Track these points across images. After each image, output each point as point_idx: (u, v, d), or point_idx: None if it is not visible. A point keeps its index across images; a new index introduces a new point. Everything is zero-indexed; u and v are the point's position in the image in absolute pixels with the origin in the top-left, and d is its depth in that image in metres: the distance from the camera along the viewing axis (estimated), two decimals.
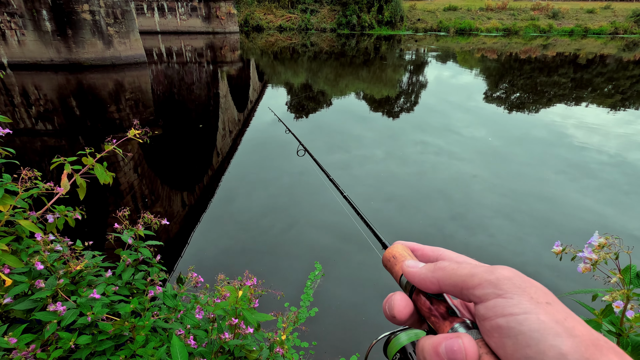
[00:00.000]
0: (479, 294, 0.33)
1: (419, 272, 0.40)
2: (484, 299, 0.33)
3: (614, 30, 45.75)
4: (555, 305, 0.31)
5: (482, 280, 0.33)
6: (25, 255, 1.29)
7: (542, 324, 0.29)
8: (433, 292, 0.39)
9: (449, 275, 0.37)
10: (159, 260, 1.53)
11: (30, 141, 8.51)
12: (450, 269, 0.37)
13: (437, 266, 0.39)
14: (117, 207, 1.56)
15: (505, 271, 0.33)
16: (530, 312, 0.30)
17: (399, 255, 0.46)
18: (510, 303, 0.31)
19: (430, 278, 0.38)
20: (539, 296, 0.31)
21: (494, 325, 0.31)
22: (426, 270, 0.39)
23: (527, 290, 0.32)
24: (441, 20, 49.80)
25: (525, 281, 0.33)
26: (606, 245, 0.78)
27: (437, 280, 0.38)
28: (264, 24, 50.31)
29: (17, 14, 15.87)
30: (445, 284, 0.37)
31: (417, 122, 11.20)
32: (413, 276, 0.40)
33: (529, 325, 0.29)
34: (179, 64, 21.91)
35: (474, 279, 0.34)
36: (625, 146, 8.81)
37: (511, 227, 5.29)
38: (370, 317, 3.57)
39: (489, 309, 0.32)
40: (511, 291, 0.32)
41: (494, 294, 0.32)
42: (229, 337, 1.22)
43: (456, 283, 0.36)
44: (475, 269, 0.35)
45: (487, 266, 0.35)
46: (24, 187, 1.34)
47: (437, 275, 0.38)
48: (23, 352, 1.01)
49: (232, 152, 8.40)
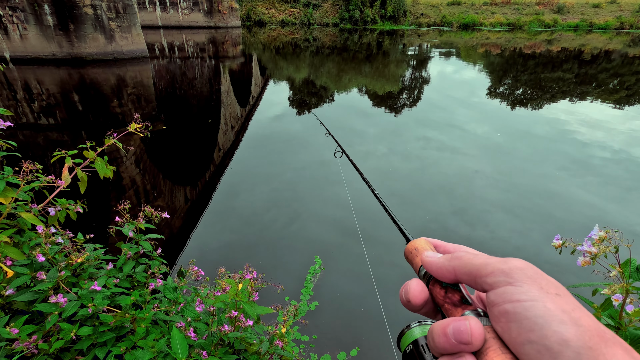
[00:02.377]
0: (491, 281, 0.34)
1: (436, 261, 0.41)
2: (495, 286, 0.34)
3: (619, 25, 45.27)
4: (564, 297, 0.31)
5: (495, 269, 0.34)
6: (27, 248, 1.30)
7: (548, 311, 0.29)
8: (449, 281, 0.40)
9: (464, 264, 0.38)
10: (159, 254, 1.53)
11: (32, 135, 8.54)
12: (466, 258, 0.38)
13: (453, 256, 0.40)
14: (118, 201, 1.56)
15: (518, 262, 0.34)
16: (537, 300, 0.30)
17: (420, 248, 0.48)
18: (519, 290, 0.32)
19: (446, 266, 0.40)
20: (549, 287, 0.32)
21: (502, 310, 0.32)
22: (443, 259, 0.41)
23: (537, 280, 0.32)
24: (444, 15, 49.41)
25: (537, 272, 0.33)
26: (606, 239, 0.77)
27: (453, 268, 0.39)
28: (266, 18, 50.08)
29: (19, 8, 15.85)
30: (460, 272, 0.38)
31: (420, 117, 11.16)
32: (430, 265, 0.42)
33: (535, 311, 0.30)
34: (181, 59, 21.87)
35: (487, 268, 0.35)
36: (628, 142, 8.75)
37: (513, 222, 5.28)
38: (369, 311, 3.58)
39: (499, 295, 0.33)
40: (522, 280, 0.32)
41: (505, 281, 0.33)
42: (229, 330, 1.23)
43: (470, 271, 0.37)
44: (489, 259, 0.36)
45: (502, 258, 0.36)
46: (25, 180, 1.34)
47: (453, 264, 0.39)
48: (25, 343, 1.02)
49: (235, 147, 8.41)
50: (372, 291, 3.83)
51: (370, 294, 3.80)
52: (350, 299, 3.76)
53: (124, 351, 1.12)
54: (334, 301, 3.72)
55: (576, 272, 4.01)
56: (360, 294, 3.81)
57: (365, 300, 3.73)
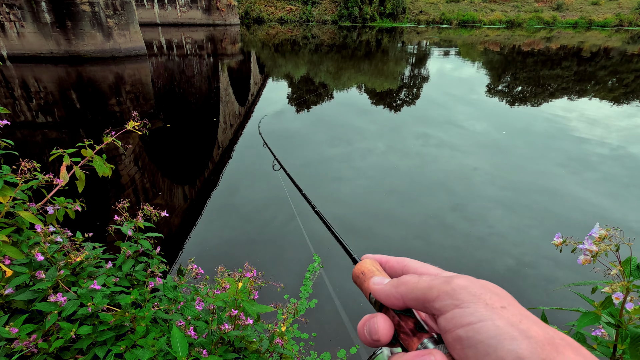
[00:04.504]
0: (438, 306, 0.33)
1: (383, 288, 0.40)
2: (443, 310, 0.33)
3: (618, 22, 45.25)
4: (510, 308, 0.31)
5: (440, 292, 0.33)
6: (26, 247, 1.30)
7: (498, 329, 0.29)
8: (399, 308, 0.38)
9: (410, 289, 0.36)
10: (159, 252, 1.53)
11: (30, 134, 8.50)
12: (412, 283, 0.37)
13: (399, 281, 0.38)
14: (117, 200, 1.56)
15: (461, 280, 0.33)
16: (485, 319, 0.30)
17: (367, 272, 0.45)
18: (467, 312, 0.31)
19: (394, 294, 0.38)
20: (494, 301, 0.31)
21: (455, 336, 0.31)
22: (390, 286, 0.39)
23: (482, 297, 0.32)
24: (444, 13, 49.32)
25: (481, 287, 0.33)
26: (607, 237, 0.77)
27: (400, 295, 0.37)
28: (265, 16, 49.91)
29: (16, 5, 15.74)
30: (408, 298, 0.37)
31: (419, 114, 11.15)
32: (379, 294, 0.40)
33: (486, 332, 0.29)
34: (179, 57, 21.79)
35: (432, 292, 0.34)
36: (627, 139, 8.77)
37: (511, 218, 5.29)
38: (369, 308, 3.59)
39: (448, 320, 0.32)
40: (467, 300, 0.32)
41: (452, 304, 0.32)
42: (229, 328, 1.23)
43: (418, 297, 0.35)
44: (433, 281, 0.35)
45: (445, 277, 0.35)
46: (23, 179, 1.33)
47: (400, 290, 0.37)
48: (24, 342, 1.02)
49: (233, 144, 8.39)
50: None
51: None
52: (349, 296, 3.77)
53: (123, 350, 1.12)
54: (333, 299, 3.73)
55: (574, 268, 4.02)
56: (359, 291, 3.81)
57: (364, 298, 3.73)
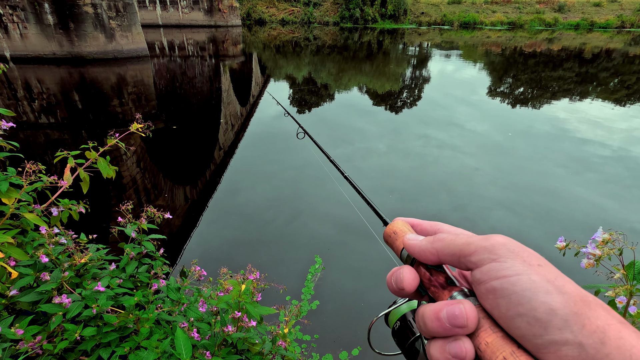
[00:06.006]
0: (475, 260, 0.35)
1: (419, 244, 0.41)
2: (479, 264, 0.34)
3: (620, 24, 45.16)
4: (546, 267, 0.32)
5: (478, 247, 0.35)
6: (31, 248, 1.30)
7: (534, 283, 0.30)
8: (433, 263, 0.40)
9: (447, 245, 0.38)
10: (162, 254, 1.54)
11: (33, 135, 8.54)
12: (449, 239, 0.38)
13: (436, 238, 0.40)
14: (120, 201, 1.57)
15: (499, 238, 0.35)
16: (522, 274, 0.31)
17: (399, 231, 0.47)
18: (503, 266, 0.32)
19: (430, 249, 0.39)
20: (532, 259, 0.33)
21: (489, 287, 0.32)
22: (426, 242, 0.41)
23: (520, 254, 0.33)
24: (445, 14, 49.31)
25: (518, 246, 0.34)
26: (610, 241, 0.77)
27: (436, 250, 0.39)
28: (267, 17, 49.97)
29: (19, 6, 15.81)
30: (444, 253, 0.38)
31: (420, 115, 11.15)
32: (414, 248, 0.42)
33: (521, 285, 0.30)
34: (181, 58, 21.84)
35: (470, 247, 0.35)
36: (629, 141, 8.74)
37: (512, 219, 5.29)
38: (371, 309, 3.59)
39: (484, 273, 0.33)
40: (505, 255, 0.33)
41: (489, 258, 0.34)
42: (232, 330, 1.23)
43: (454, 252, 0.37)
44: (471, 238, 0.37)
45: (483, 235, 0.36)
46: (28, 181, 1.34)
47: (436, 246, 0.39)
48: (30, 343, 1.03)
49: (235, 145, 8.40)
50: (372, 289, 3.84)
51: (371, 292, 3.81)
52: (351, 297, 3.77)
53: (128, 351, 1.12)
54: (335, 300, 3.73)
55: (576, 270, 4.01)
56: (361, 292, 3.82)
57: (366, 299, 3.73)
